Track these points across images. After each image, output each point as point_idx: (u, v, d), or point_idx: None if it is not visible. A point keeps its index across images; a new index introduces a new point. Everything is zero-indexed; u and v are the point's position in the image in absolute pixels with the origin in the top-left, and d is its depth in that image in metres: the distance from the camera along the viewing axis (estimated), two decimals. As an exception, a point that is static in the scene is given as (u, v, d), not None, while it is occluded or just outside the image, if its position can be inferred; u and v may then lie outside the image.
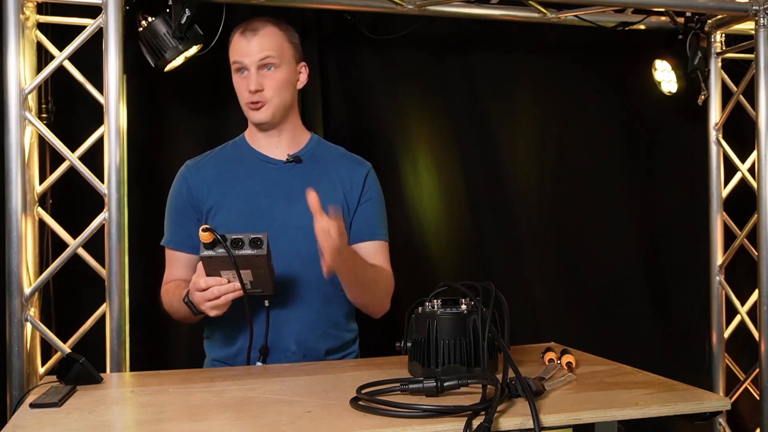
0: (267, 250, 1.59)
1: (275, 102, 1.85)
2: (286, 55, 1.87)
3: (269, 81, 1.84)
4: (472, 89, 3.07)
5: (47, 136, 2.37)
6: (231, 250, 1.56)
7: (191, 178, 1.92)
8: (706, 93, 3.09)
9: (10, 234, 2.30)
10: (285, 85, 1.87)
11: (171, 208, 1.95)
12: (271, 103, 1.85)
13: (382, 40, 2.89)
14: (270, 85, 1.84)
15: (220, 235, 1.57)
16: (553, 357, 1.61)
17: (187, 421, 1.26)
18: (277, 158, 1.92)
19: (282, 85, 1.86)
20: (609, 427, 1.31)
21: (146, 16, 2.48)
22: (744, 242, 3.09)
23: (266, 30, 1.85)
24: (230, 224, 1.79)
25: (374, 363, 1.71)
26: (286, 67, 1.87)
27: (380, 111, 2.96)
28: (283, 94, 1.87)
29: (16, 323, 2.31)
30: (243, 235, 1.58)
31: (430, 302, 1.56)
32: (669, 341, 3.25)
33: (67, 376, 1.53)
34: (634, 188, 3.25)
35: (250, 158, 1.93)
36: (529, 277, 3.10)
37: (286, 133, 1.93)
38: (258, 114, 1.86)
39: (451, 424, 1.20)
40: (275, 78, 1.84)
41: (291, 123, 1.94)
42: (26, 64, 2.35)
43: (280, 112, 1.88)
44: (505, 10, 2.87)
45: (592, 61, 3.18)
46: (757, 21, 2.80)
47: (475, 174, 3.06)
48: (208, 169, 1.93)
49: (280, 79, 1.85)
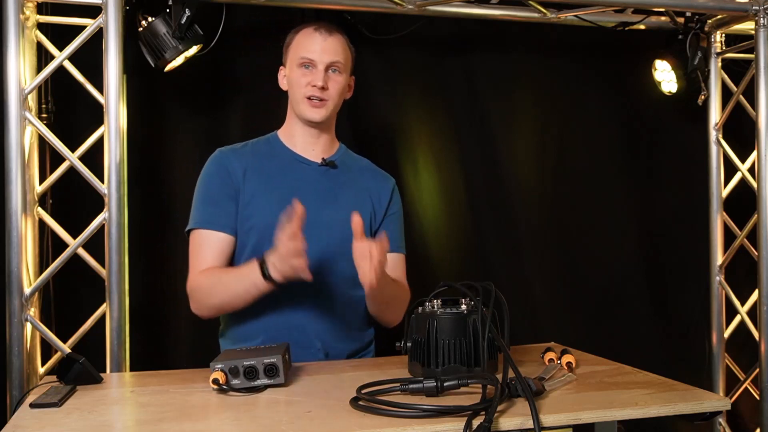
0: (284, 375, 1.48)
1: (332, 104, 1.92)
2: (348, 65, 1.96)
3: (333, 83, 1.91)
4: (472, 89, 3.06)
5: (47, 136, 2.37)
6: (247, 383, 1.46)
7: (230, 162, 1.93)
8: (706, 93, 3.08)
9: (10, 234, 2.30)
10: (343, 90, 1.95)
11: (206, 190, 1.93)
12: (330, 104, 1.91)
13: (382, 40, 2.89)
14: (333, 87, 1.91)
15: (232, 366, 1.45)
16: (553, 357, 1.61)
17: (187, 421, 1.26)
18: (313, 160, 1.96)
19: (342, 89, 1.94)
20: (609, 427, 1.31)
21: (146, 16, 2.48)
22: (744, 242, 3.08)
23: (338, 36, 1.93)
24: (263, 217, 1.84)
25: (374, 363, 1.71)
26: (346, 75, 1.95)
27: (380, 111, 2.96)
28: (339, 98, 1.94)
29: (16, 323, 2.31)
30: (255, 361, 1.45)
31: (430, 302, 1.56)
32: (669, 341, 3.25)
33: (67, 376, 1.53)
34: (634, 188, 3.24)
35: (285, 156, 1.97)
36: (529, 277, 3.10)
37: (324, 136, 1.98)
38: (316, 111, 1.91)
39: (451, 424, 1.20)
40: (338, 81, 1.92)
41: (330, 129, 2.01)
42: (26, 64, 2.35)
43: (332, 114, 1.95)
44: (505, 10, 2.87)
45: (592, 61, 3.17)
46: (757, 21, 2.80)
47: (475, 174, 3.05)
48: (246, 159, 1.95)
49: (342, 83, 1.93)
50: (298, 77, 1.91)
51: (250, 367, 1.45)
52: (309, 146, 1.97)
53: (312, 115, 1.91)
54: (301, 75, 1.90)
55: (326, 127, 1.98)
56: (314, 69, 1.89)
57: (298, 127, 1.97)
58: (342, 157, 2.02)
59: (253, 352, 1.52)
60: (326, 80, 1.89)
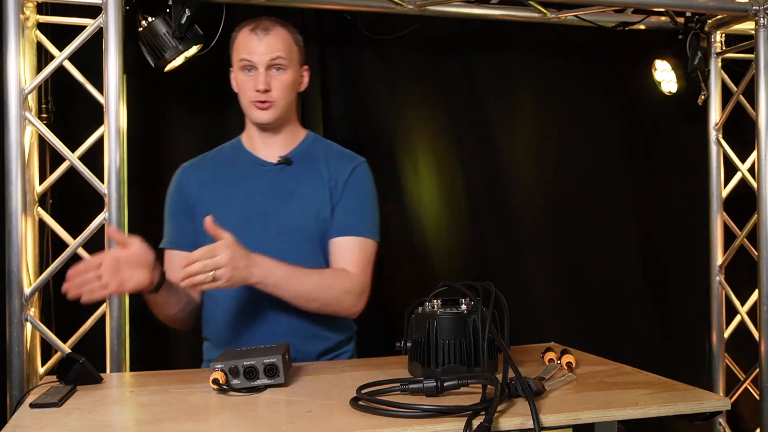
0: (284, 375, 1.48)
1: (281, 103, 1.86)
2: (293, 58, 1.88)
3: (277, 82, 1.85)
4: (472, 89, 3.07)
5: (47, 136, 2.37)
6: (248, 383, 1.45)
7: (185, 179, 1.94)
8: (706, 93, 3.09)
9: (10, 234, 2.30)
10: (291, 87, 1.88)
11: (167, 210, 1.97)
12: (278, 104, 1.86)
13: (382, 40, 2.89)
14: (277, 86, 1.85)
15: (232, 366, 1.45)
16: (553, 357, 1.61)
17: (187, 421, 1.26)
18: (270, 160, 1.92)
19: (289, 86, 1.87)
20: (609, 427, 1.31)
21: (146, 16, 2.48)
22: (744, 242, 3.09)
23: (277, 30, 1.86)
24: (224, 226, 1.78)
25: (374, 363, 1.71)
26: (293, 69, 1.88)
27: (380, 111, 2.96)
28: (288, 95, 1.88)
29: (16, 323, 2.31)
30: (255, 361, 1.45)
31: (430, 302, 1.56)
32: (669, 341, 3.25)
33: (67, 376, 1.53)
34: (634, 188, 3.24)
35: (246, 161, 1.94)
36: (529, 277, 3.10)
37: (282, 134, 1.93)
38: (264, 114, 1.86)
39: (451, 424, 1.20)
40: (283, 79, 1.85)
41: (288, 125, 1.95)
42: (26, 64, 2.35)
43: (284, 113, 1.89)
44: (505, 10, 2.87)
45: (592, 61, 3.17)
46: (757, 21, 2.80)
47: (475, 174, 3.05)
48: (204, 171, 1.94)
49: (287, 80, 1.86)
50: (242, 82, 1.86)
51: (250, 367, 1.44)
52: (267, 146, 1.92)
53: (260, 117, 1.86)
54: (245, 79, 1.85)
55: (282, 125, 1.92)
56: (255, 71, 1.83)
57: (254, 131, 1.94)
58: (306, 149, 1.95)
59: (253, 352, 1.52)
60: (269, 81, 1.83)
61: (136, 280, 1.65)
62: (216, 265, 1.59)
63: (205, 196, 1.90)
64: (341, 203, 1.90)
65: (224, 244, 1.61)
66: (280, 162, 1.91)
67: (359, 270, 1.86)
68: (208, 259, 1.58)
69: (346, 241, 1.87)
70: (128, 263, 1.64)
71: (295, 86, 1.91)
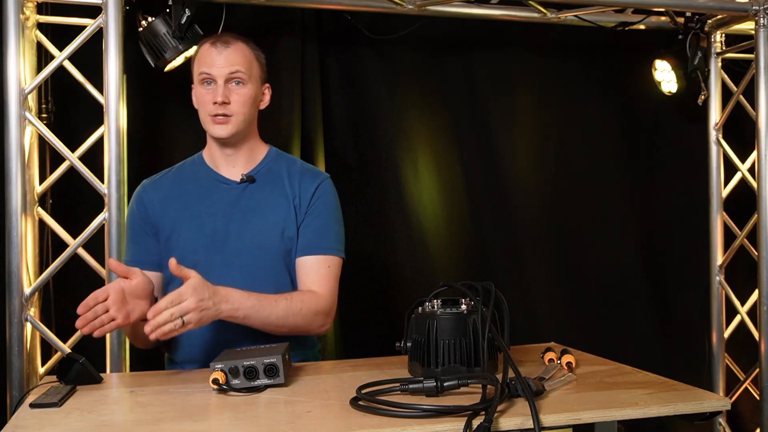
0: (284, 375, 1.48)
1: (239, 118, 1.83)
2: (254, 73, 1.86)
3: (236, 95, 1.82)
4: (472, 89, 3.07)
5: (47, 136, 2.37)
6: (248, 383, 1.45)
7: (146, 196, 1.91)
8: (706, 93, 3.09)
9: (10, 234, 2.30)
10: (251, 101, 1.85)
11: (128, 228, 1.93)
12: (236, 119, 1.82)
13: (382, 40, 2.89)
14: (236, 100, 1.82)
15: (232, 366, 1.45)
16: (553, 357, 1.61)
17: (187, 421, 1.26)
18: (232, 179, 1.89)
19: (248, 101, 1.84)
20: (609, 427, 1.31)
21: (146, 16, 2.48)
22: (744, 242, 3.09)
23: (237, 45, 1.84)
24: (188, 246, 1.81)
25: (374, 363, 1.71)
26: (252, 84, 1.85)
27: (380, 111, 2.96)
28: (247, 110, 1.84)
29: (16, 323, 2.31)
30: (255, 361, 1.44)
31: (430, 302, 1.56)
32: (669, 341, 3.25)
33: (67, 376, 1.53)
34: (634, 188, 3.25)
35: (207, 178, 1.91)
36: (529, 277, 3.10)
37: (243, 151, 1.90)
38: (221, 128, 1.82)
39: (451, 424, 1.20)
40: (242, 93, 1.83)
41: (249, 141, 1.91)
42: (26, 64, 2.35)
43: (243, 128, 1.85)
44: (505, 10, 2.87)
45: (592, 61, 3.18)
46: (757, 21, 2.80)
47: (475, 174, 3.05)
48: (165, 189, 1.91)
49: (246, 94, 1.83)
50: (201, 95, 1.83)
51: (250, 367, 1.44)
52: (228, 164, 1.89)
53: (218, 132, 1.82)
54: (203, 93, 1.82)
55: (242, 141, 1.88)
56: (214, 84, 1.81)
57: (214, 147, 1.90)
58: (268, 166, 1.92)
59: (253, 352, 1.52)
60: (227, 94, 1.80)
61: (139, 310, 1.63)
62: (183, 311, 1.55)
63: (167, 214, 1.87)
64: (306, 221, 1.87)
65: (191, 286, 1.57)
66: (243, 180, 1.88)
67: (327, 291, 1.85)
68: (175, 306, 1.55)
69: (312, 260, 1.85)
70: (132, 294, 1.63)
71: (256, 102, 1.88)
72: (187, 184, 1.91)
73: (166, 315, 1.54)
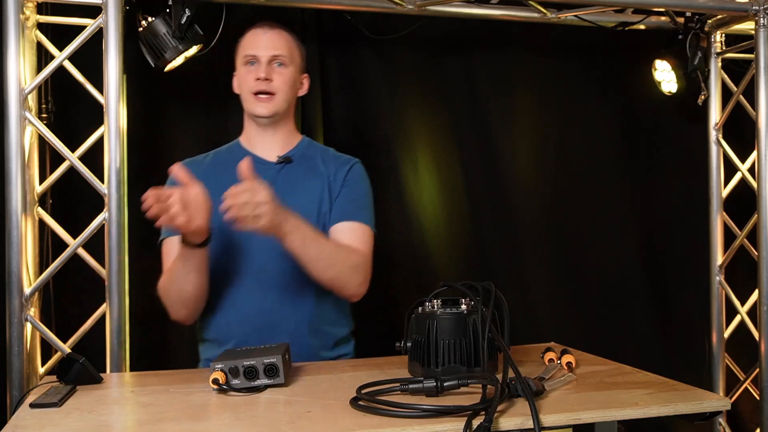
0: (284, 375, 1.48)
1: (281, 96, 1.89)
2: (295, 59, 1.93)
3: (278, 75, 1.89)
4: (472, 89, 3.07)
5: (47, 136, 2.37)
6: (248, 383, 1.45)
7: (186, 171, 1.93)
8: (706, 93, 3.09)
9: (10, 234, 2.30)
10: (291, 83, 1.92)
11: None
12: (277, 97, 1.89)
13: (382, 40, 2.89)
14: (278, 79, 1.89)
15: (232, 366, 1.44)
16: (553, 357, 1.61)
17: (187, 421, 1.26)
18: (269, 160, 1.94)
19: (289, 82, 1.91)
20: (609, 427, 1.31)
21: (146, 16, 2.48)
22: (744, 242, 3.09)
23: (280, 31, 1.93)
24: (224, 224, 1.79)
25: (374, 363, 1.71)
26: (293, 68, 1.92)
27: (380, 111, 2.96)
28: (288, 91, 1.91)
29: (16, 323, 2.31)
30: (255, 361, 1.45)
31: (430, 302, 1.56)
32: (669, 341, 3.25)
33: (67, 376, 1.53)
34: (634, 188, 3.24)
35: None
36: (529, 277, 3.10)
37: (280, 133, 1.96)
38: (263, 107, 1.89)
39: (451, 424, 1.20)
40: (284, 73, 1.90)
41: (286, 125, 1.98)
42: (26, 64, 2.35)
43: (283, 108, 1.92)
44: (505, 10, 2.87)
45: (592, 61, 3.17)
46: (757, 21, 2.80)
47: (475, 174, 3.05)
48: (202, 168, 1.94)
49: (288, 75, 1.90)
50: (244, 75, 1.91)
51: (250, 367, 1.44)
52: (266, 145, 1.95)
53: (261, 110, 1.89)
54: (246, 72, 1.90)
55: (281, 123, 1.95)
56: (258, 64, 1.88)
57: (253, 129, 1.97)
58: (303, 150, 1.99)
59: (253, 352, 1.52)
60: (270, 72, 1.87)
61: (199, 220, 1.63)
62: (260, 201, 1.57)
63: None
64: (341, 196, 1.92)
65: (263, 185, 1.59)
66: (280, 161, 1.94)
67: (366, 251, 1.88)
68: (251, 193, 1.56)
69: (348, 224, 1.89)
70: (192, 203, 1.62)
71: (295, 86, 1.94)
72: (225, 166, 1.94)
73: (246, 196, 1.55)
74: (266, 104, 1.89)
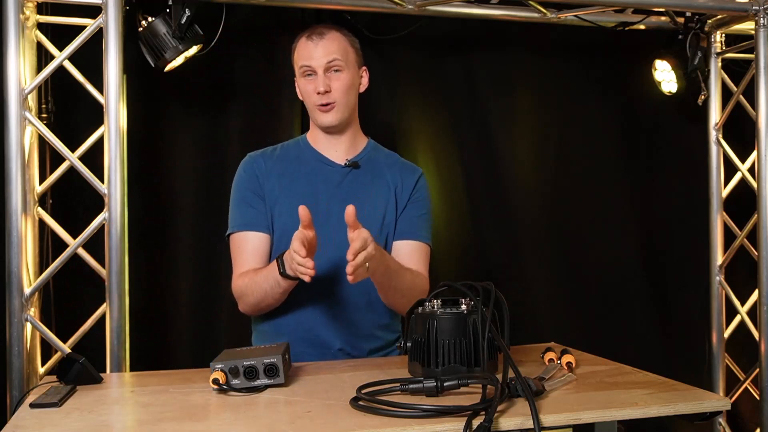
0: (284, 375, 1.48)
1: (342, 104, 1.92)
2: (350, 59, 1.94)
3: (336, 83, 1.90)
4: (472, 89, 3.06)
5: (47, 136, 2.37)
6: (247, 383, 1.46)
7: (256, 164, 1.97)
8: (706, 93, 3.09)
9: (10, 234, 2.30)
10: (350, 87, 1.93)
11: (239, 193, 1.97)
12: (339, 105, 1.91)
13: (382, 40, 2.89)
14: (337, 87, 1.90)
15: (232, 366, 1.45)
16: (553, 357, 1.61)
17: (187, 421, 1.26)
18: (337, 161, 1.97)
19: (348, 87, 1.92)
20: (609, 427, 1.31)
21: (146, 16, 2.48)
22: (744, 242, 3.09)
23: (332, 35, 1.92)
24: (289, 221, 1.85)
25: (374, 363, 1.71)
26: (350, 70, 1.93)
27: (380, 111, 2.96)
28: (348, 96, 1.93)
29: (16, 323, 2.31)
30: (255, 361, 1.45)
31: (430, 302, 1.56)
32: (669, 341, 3.25)
33: (67, 376, 1.53)
34: (634, 188, 3.24)
35: (311, 159, 1.98)
36: (529, 277, 3.10)
37: (346, 136, 1.99)
38: (327, 116, 1.91)
39: (451, 424, 1.20)
40: (342, 80, 1.91)
41: (352, 127, 2.00)
42: (26, 64, 2.35)
43: (346, 114, 1.94)
44: (505, 10, 2.87)
45: (592, 61, 3.17)
46: (757, 21, 2.80)
47: (475, 174, 3.05)
48: (271, 162, 1.97)
49: (346, 81, 1.92)
50: (304, 86, 1.94)
51: (250, 367, 1.45)
52: (332, 147, 1.98)
53: (324, 120, 1.92)
54: (306, 84, 1.93)
55: (346, 128, 1.97)
56: (315, 75, 1.90)
57: (318, 132, 1.99)
58: (369, 155, 2.02)
59: (253, 352, 1.52)
60: (328, 83, 1.89)
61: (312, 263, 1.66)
62: (368, 257, 1.60)
63: (272, 185, 1.93)
64: (408, 209, 1.97)
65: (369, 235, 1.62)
66: (347, 165, 1.96)
67: (426, 273, 1.95)
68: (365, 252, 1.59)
69: (412, 244, 1.95)
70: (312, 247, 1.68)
71: (355, 87, 1.96)
72: (292, 162, 1.97)
73: (361, 257, 1.58)
74: (329, 114, 1.91)
